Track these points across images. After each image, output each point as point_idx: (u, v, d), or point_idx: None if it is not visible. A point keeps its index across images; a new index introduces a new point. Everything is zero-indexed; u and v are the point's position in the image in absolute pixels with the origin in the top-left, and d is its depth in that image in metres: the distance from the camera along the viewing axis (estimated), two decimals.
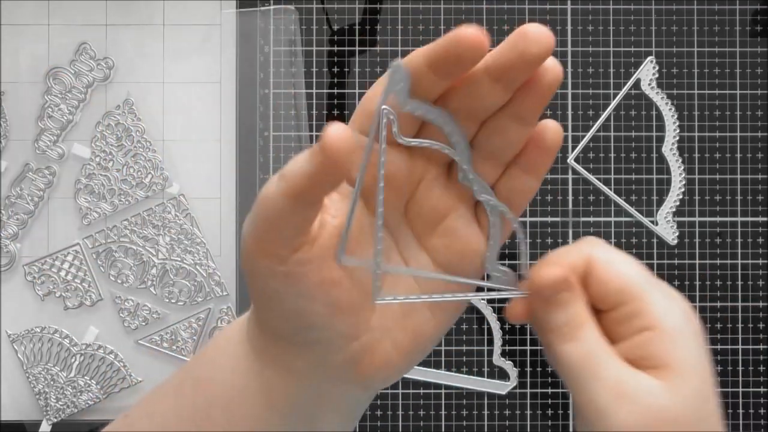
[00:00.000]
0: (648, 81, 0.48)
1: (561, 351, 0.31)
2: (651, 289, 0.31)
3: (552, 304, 0.31)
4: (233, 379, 0.32)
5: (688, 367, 0.30)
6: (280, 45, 0.48)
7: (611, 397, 0.30)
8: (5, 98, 0.48)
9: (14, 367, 0.48)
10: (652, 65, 0.48)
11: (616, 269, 0.30)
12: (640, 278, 0.31)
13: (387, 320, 0.30)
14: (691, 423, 0.30)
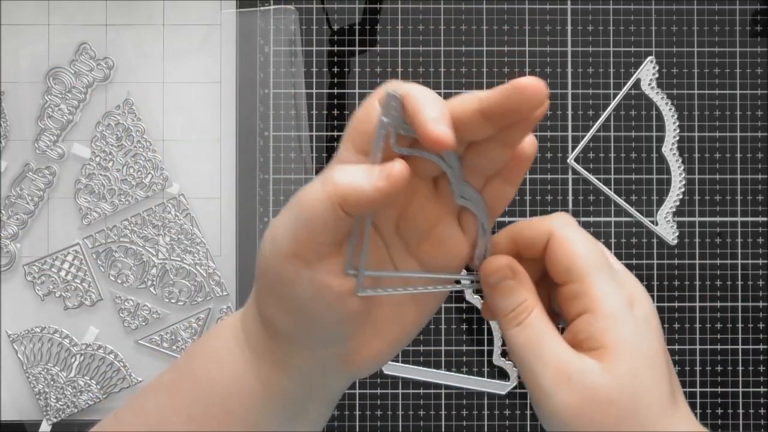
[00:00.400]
0: (648, 81, 0.48)
1: (509, 335, 0.33)
2: (596, 272, 0.32)
3: (498, 292, 0.33)
4: (232, 377, 0.33)
5: (623, 348, 0.31)
6: (280, 45, 0.48)
7: (553, 378, 0.32)
8: (5, 98, 0.48)
9: (14, 367, 0.48)
10: (652, 65, 0.48)
11: (567, 248, 0.32)
12: (588, 260, 0.32)
13: (379, 319, 0.31)
14: (626, 401, 0.31)
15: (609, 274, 0.33)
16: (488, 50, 0.48)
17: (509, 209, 0.48)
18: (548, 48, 0.48)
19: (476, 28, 0.48)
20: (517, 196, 0.48)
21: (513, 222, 0.48)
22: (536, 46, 0.48)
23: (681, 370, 0.46)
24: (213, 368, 0.33)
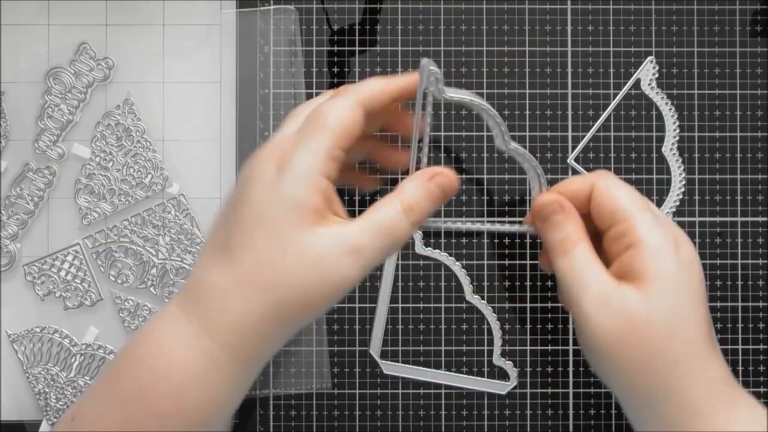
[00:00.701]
0: (648, 81, 0.48)
1: (557, 265, 0.37)
2: (640, 212, 0.36)
3: (549, 225, 0.37)
4: (214, 404, 0.34)
5: (663, 279, 0.34)
6: (280, 45, 0.48)
7: (595, 304, 0.35)
8: (5, 98, 0.48)
9: (14, 367, 0.48)
10: (652, 65, 0.48)
11: (611, 194, 0.36)
12: (632, 203, 0.36)
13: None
14: (662, 328, 0.34)
15: (652, 216, 0.36)
16: (488, 50, 0.48)
17: (509, 209, 0.48)
18: (548, 48, 0.48)
19: (476, 28, 0.48)
20: (518, 196, 0.48)
21: (512, 221, 0.48)
22: (536, 46, 0.48)
23: None
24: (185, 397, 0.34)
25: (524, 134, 0.48)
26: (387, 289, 0.48)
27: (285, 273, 0.33)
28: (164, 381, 0.33)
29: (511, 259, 0.48)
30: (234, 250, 0.34)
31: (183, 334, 0.34)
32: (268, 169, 0.34)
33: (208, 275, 0.34)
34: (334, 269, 0.33)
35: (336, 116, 0.35)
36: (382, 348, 0.48)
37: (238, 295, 0.33)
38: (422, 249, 0.48)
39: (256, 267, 0.33)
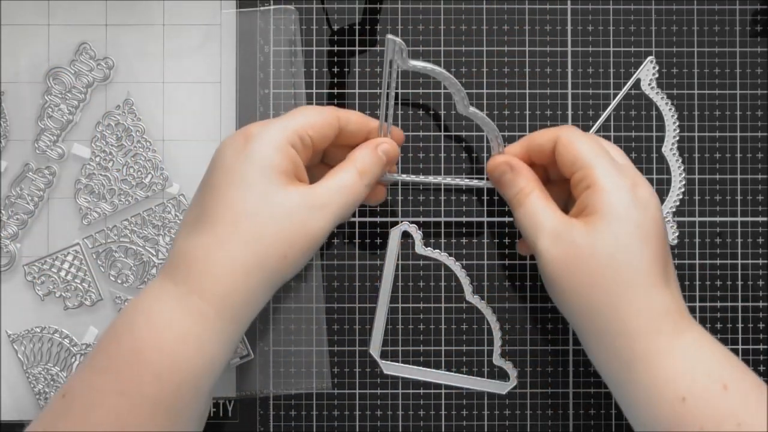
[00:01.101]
0: (648, 81, 0.48)
1: (515, 216, 0.41)
2: (598, 158, 0.39)
3: (502, 184, 0.42)
4: (203, 360, 0.36)
5: (611, 214, 0.37)
6: (280, 45, 0.48)
7: (549, 240, 0.39)
8: (5, 98, 0.48)
9: (14, 367, 0.48)
10: (652, 65, 0.48)
11: (573, 145, 0.40)
12: (591, 151, 0.39)
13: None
14: (605, 258, 0.37)
15: (610, 162, 0.39)
16: (488, 50, 0.48)
17: (509, 209, 0.48)
18: (548, 48, 0.48)
19: (476, 28, 0.48)
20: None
21: (512, 221, 0.48)
22: (536, 46, 0.48)
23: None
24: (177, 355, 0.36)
25: (524, 134, 0.48)
26: (387, 289, 0.48)
27: (263, 225, 0.37)
28: (156, 342, 0.35)
29: (511, 259, 0.48)
30: (212, 213, 0.37)
31: (170, 296, 0.36)
32: (237, 140, 0.39)
33: (189, 243, 0.37)
34: (307, 221, 0.38)
35: (311, 109, 0.41)
36: (382, 348, 0.48)
37: (220, 251, 0.36)
38: (422, 249, 0.48)
39: (235, 222, 0.37)
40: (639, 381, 0.37)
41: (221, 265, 0.36)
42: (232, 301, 0.37)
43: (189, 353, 0.36)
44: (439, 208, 0.48)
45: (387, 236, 0.48)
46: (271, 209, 0.37)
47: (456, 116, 0.48)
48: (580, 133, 0.41)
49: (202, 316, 0.36)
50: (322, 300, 0.48)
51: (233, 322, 0.37)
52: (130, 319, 0.37)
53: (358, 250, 0.48)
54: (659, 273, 0.38)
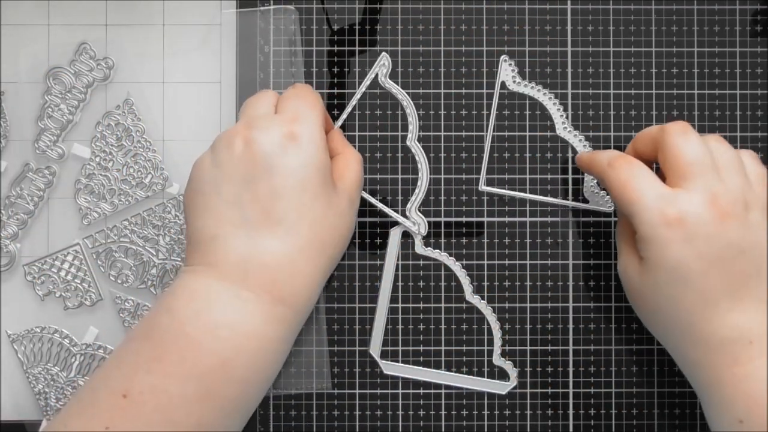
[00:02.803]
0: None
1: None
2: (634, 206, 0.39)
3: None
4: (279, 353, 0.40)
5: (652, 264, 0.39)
6: (280, 45, 0.48)
7: (621, 267, 0.42)
8: (5, 98, 0.48)
9: (14, 367, 0.48)
10: (507, 64, 0.48)
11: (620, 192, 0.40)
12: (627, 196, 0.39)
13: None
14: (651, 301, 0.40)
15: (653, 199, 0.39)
16: (488, 50, 0.48)
17: (509, 209, 0.48)
18: (548, 48, 0.48)
19: (476, 28, 0.48)
20: (518, 196, 0.48)
21: (512, 221, 0.48)
22: (536, 46, 0.48)
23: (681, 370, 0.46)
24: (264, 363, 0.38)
25: (524, 134, 0.48)
26: (387, 289, 0.48)
27: (331, 228, 0.40)
28: (244, 353, 0.37)
29: (511, 259, 0.48)
30: (286, 219, 0.38)
31: (255, 308, 0.38)
32: (284, 141, 0.39)
33: (260, 249, 0.38)
34: (348, 217, 0.41)
35: (313, 93, 0.42)
36: (382, 348, 0.48)
37: (304, 260, 0.38)
38: (422, 249, 0.48)
39: (312, 229, 0.39)
40: (709, 400, 0.40)
41: (307, 273, 0.39)
42: (311, 304, 0.40)
43: (276, 360, 0.39)
44: (439, 208, 0.48)
45: (387, 236, 0.48)
46: (334, 211, 0.40)
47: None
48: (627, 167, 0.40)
49: (287, 324, 0.39)
50: (322, 300, 0.48)
51: (305, 318, 0.41)
52: (209, 329, 0.37)
53: (358, 250, 0.48)
54: (713, 306, 0.39)
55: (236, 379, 0.37)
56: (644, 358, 0.48)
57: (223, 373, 0.36)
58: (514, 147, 0.48)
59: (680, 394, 0.48)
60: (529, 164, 0.48)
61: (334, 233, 0.40)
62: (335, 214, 0.40)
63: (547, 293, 0.48)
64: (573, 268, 0.48)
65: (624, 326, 0.48)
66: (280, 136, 0.39)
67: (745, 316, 0.39)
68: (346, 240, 0.42)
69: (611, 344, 0.48)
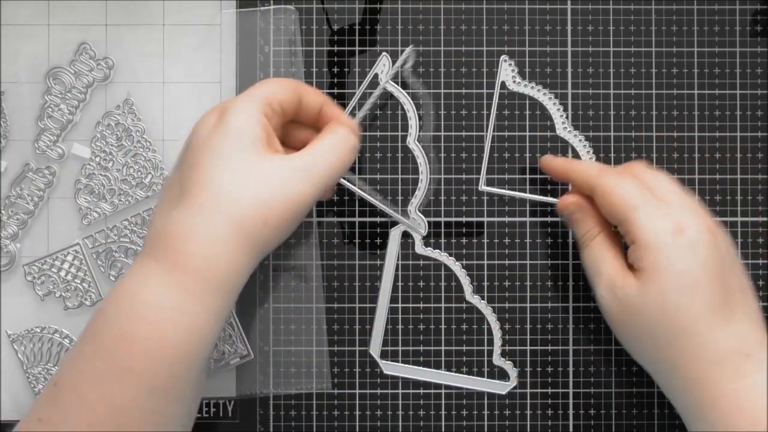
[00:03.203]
0: (512, 78, 0.48)
1: (581, 255, 0.44)
2: (635, 211, 0.40)
3: (572, 222, 0.44)
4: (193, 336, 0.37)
5: (654, 270, 0.39)
6: (280, 45, 0.48)
7: (604, 289, 0.42)
8: (5, 98, 0.48)
9: (14, 367, 0.48)
10: (507, 64, 0.48)
11: (608, 198, 0.41)
12: (627, 202, 0.40)
13: None
14: (655, 313, 0.39)
15: (651, 209, 0.40)
16: (488, 50, 0.48)
17: (509, 209, 0.48)
18: (548, 48, 0.48)
19: (476, 28, 0.48)
20: (518, 196, 0.48)
21: (512, 221, 0.48)
22: (536, 46, 0.48)
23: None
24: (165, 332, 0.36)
25: (524, 134, 0.48)
26: (387, 289, 0.48)
27: (242, 190, 0.36)
28: (143, 321, 0.35)
29: (511, 259, 0.48)
30: (189, 188, 0.37)
31: (154, 275, 0.36)
32: (211, 116, 0.39)
33: (169, 219, 0.37)
34: (287, 183, 0.37)
35: (273, 80, 0.41)
36: (382, 348, 0.48)
37: (198, 222, 0.36)
38: (422, 249, 0.48)
39: (215, 192, 0.36)
40: (706, 419, 0.39)
41: (200, 235, 0.36)
42: (215, 272, 0.36)
43: (178, 331, 0.35)
44: (439, 208, 0.48)
45: (387, 236, 0.48)
46: (248, 176, 0.37)
47: None
48: (615, 177, 0.42)
49: (187, 291, 0.36)
50: (322, 300, 0.48)
51: (219, 294, 0.37)
52: (116, 301, 0.36)
53: (358, 250, 0.48)
54: (715, 315, 0.39)
55: (139, 350, 0.35)
56: None
57: (126, 345, 0.35)
58: (514, 147, 0.48)
59: None
60: (529, 164, 0.48)
61: (247, 197, 0.36)
62: (255, 178, 0.37)
63: (547, 293, 0.48)
64: (573, 268, 0.48)
65: None
66: (212, 112, 0.40)
67: (739, 327, 0.39)
68: (278, 209, 0.37)
69: (611, 344, 0.48)
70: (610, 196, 0.41)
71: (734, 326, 0.39)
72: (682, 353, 0.39)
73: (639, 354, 0.42)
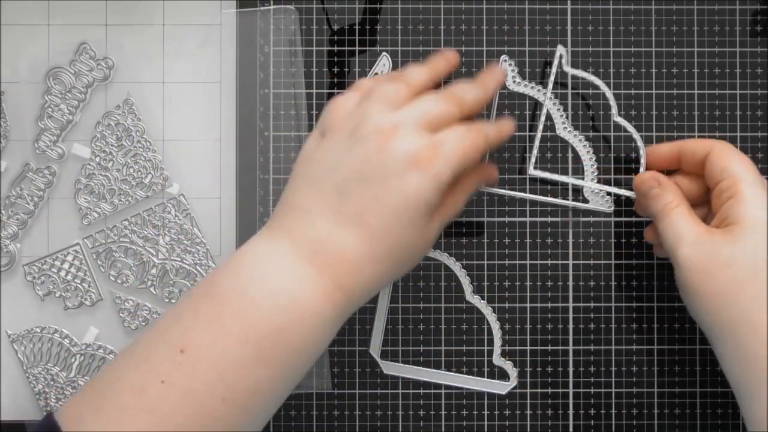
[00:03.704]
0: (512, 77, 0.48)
1: (660, 226, 0.43)
2: (746, 172, 0.41)
3: (649, 198, 0.44)
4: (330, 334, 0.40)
5: (751, 224, 0.39)
6: (280, 45, 0.48)
7: (690, 249, 0.41)
8: (5, 98, 0.48)
9: (14, 367, 0.48)
10: (506, 63, 0.48)
11: (727, 155, 0.42)
12: (741, 164, 0.41)
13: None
14: (745, 267, 0.39)
15: (758, 177, 0.41)
16: (488, 50, 0.48)
17: (509, 209, 0.48)
18: (548, 48, 0.48)
19: (476, 28, 0.48)
20: (518, 196, 0.48)
21: (512, 221, 0.48)
22: (536, 46, 0.48)
23: (681, 370, 0.46)
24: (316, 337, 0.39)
25: (524, 134, 0.48)
26: (387, 289, 0.48)
27: (411, 253, 0.41)
28: (301, 324, 0.38)
29: (511, 259, 0.48)
30: (374, 228, 0.39)
31: (317, 287, 0.38)
32: (410, 157, 0.39)
33: (339, 239, 0.39)
34: (431, 243, 0.42)
35: (477, 150, 0.41)
36: (382, 348, 0.48)
37: (372, 266, 0.39)
38: None
39: (393, 248, 0.39)
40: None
41: (370, 278, 0.39)
42: (369, 295, 0.41)
43: (326, 339, 0.39)
44: None
45: None
46: (423, 240, 0.41)
47: None
48: (734, 148, 0.43)
49: (341, 310, 0.39)
50: None
51: (350, 313, 0.41)
52: (273, 297, 0.38)
53: None
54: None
55: (290, 347, 0.37)
56: (644, 358, 0.48)
57: (279, 340, 0.37)
58: (514, 147, 0.48)
59: (680, 394, 0.48)
60: (529, 164, 0.48)
61: (410, 254, 0.41)
62: (419, 241, 0.40)
63: (547, 293, 0.48)
64: (573, 268, 0.48)
65: (624, 326, 0.48)
66: (415, 149, 0.39)
67: None
68: (419, 259, 0.42)
69: (611, 344, 0.48)
70: (727, 155, 0.42)
71: None
72: (760, 315, 0.38)
73: (714, 314, 0.40)
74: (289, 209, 0.40)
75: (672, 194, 0.43)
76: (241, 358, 0.37)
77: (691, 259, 0.40)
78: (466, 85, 0.43)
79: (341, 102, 0.42)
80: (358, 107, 0.41)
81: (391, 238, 0.39)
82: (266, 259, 0.39)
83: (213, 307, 0.37)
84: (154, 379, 0.36)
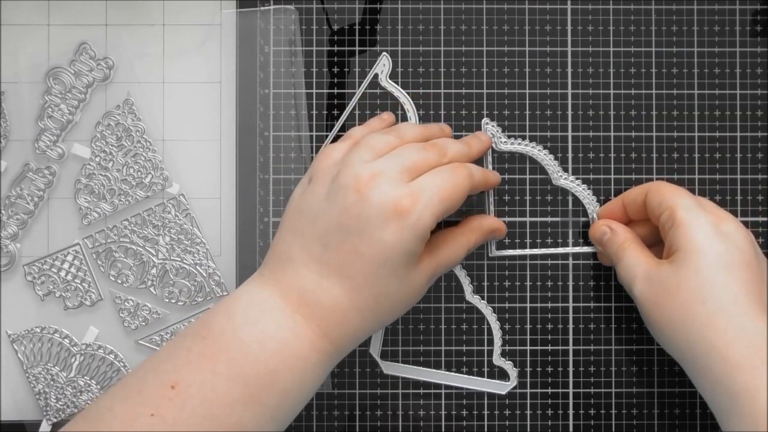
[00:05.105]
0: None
1: (617, 270, 0.45)
2: (680, 198, 0.42)
3: (604, 244, 0.46)
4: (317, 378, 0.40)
5: (692, 248, 0.40)
6: (280, 45, 0.48)
7: (642, 284, 0.42)
8: (5, 98, 0.48)
9: (14, 367, 0.48)
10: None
11: (659, 191, 0.43)
12: (675, 193, 0.43)
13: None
14: (690, 291, 0.40)
15: (693, 201, 0.42)
16: (488, 50, 0.48)
17: (509, 209, 0.48)
18: (548, 48, 0.48)
19: (476, 28, 0.48)
20: (517, 197, 0.48)
21: (512, 221, 0.48)
22: (536, 46, 0.48)
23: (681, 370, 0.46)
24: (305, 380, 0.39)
25: (524, 134, 0.48)
26: None
27: (397, 302, 0.41)
28: (289, 369, 0.39)
29: (511, 260, 0.48)
30: (356, 279, 0.39)
31: (305, 334, 0.39)
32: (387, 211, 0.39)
33: (323, 290, 0.39)
34: (420, 292, 0.42)
35: (460, 191, 0.41)
36: (382, 348, 0.48)
37: (357, 316, 0.40)
38: None
39: (377, 299, 0.40)
40: (743, 413, 0.38)
41: (355, 328, 0.40)
42: (351, 348, 0.41)
43: (314, 382, 0.40)
44: None
45: None
46: (407, 289, 0.41)
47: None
48: (667, 183, 0.44)
49: (328, 356, 0.40)
50: None
51: (338, 360, 0.42)
52: (262, 341, 0.39)
53: None
54: (753, 301, 0.39)
55: (279, 389, 0.38)
56: (644, 358, 0.48)
57: (268, 382, 0.38)
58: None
59: (680, 394, 0.48)
60: (529, 164, 0.48)
61: (396, 304, 0.41)
62: (405, 290, 0.40)
63: (547, 293, 0.48)
64: (573, 268, 0.48)
65: (624, 326, 0.48)
66: (393, 198, 0.39)
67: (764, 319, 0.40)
68: (408, 308, 0.42)
69: (611, 344, 0.48)
70: (660, 189, 0.43)
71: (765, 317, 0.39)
72: (720, 334, 0.39)
73: (673, 341, 0.41)
74: (278, 259, 0.41)
75: (622, 235, 0.45)
76: (230, 396, 0.37)
77: (644, 293, 0.42)
78: (450, 139, 0.44)
79: (329, 151, 0.43)
80: (344, 156, 0.42)
81: (374, 288, 0.39)
82: (257, 304, 0.40)
83: (205, 346, 0.38)
84: (145, 411, 0.37)
